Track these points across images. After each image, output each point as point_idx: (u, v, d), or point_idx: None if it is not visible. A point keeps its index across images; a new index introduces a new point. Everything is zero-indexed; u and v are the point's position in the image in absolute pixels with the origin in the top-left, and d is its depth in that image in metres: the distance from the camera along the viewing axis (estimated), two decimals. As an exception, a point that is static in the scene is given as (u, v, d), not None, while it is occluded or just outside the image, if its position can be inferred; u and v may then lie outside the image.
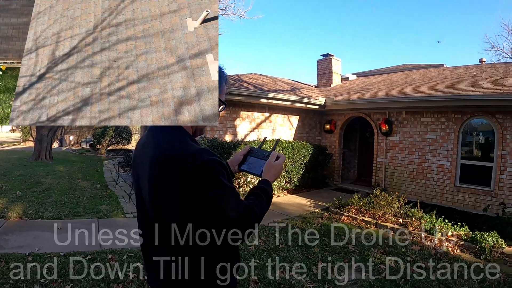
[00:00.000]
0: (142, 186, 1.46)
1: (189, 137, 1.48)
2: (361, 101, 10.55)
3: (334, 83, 14.61)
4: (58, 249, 4.75)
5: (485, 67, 12.19)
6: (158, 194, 1.37)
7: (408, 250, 5.57)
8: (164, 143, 1.42)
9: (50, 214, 6.42)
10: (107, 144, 19.99)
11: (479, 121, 8.72)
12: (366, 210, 7.53)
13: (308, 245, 5.56)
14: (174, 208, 1.34)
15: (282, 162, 1.73)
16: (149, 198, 1.42)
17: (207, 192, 1.29)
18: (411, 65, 18.30)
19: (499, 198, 7.93)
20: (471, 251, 5.78)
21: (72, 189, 8.87)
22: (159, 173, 1.36)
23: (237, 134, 9.79)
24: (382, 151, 10.37)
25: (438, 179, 9.11)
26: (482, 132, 8.82)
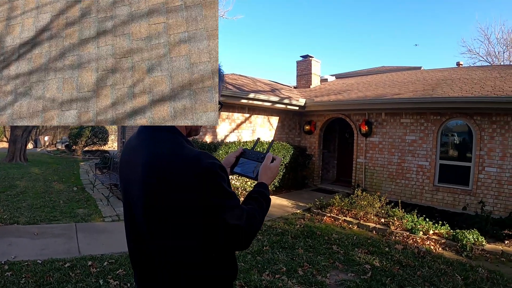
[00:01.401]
0: (133, 195, 1.31)
1: (184, 139, 1.35)
2: (342, 102, 10.56)
3: (313, 84, 14.63)
4: (36, 256, 4.52)
5: (462, 70, 12.45)
6: (154, 204, 1.23)
7: (391, 250, 5.55)
8: (159, 147, 1.28)
9: (25, 219, 6.10)
10: (83, 145, 19.55)
11: (458, 123, 8.85)
12: (348, 210, 7.50)
13: (292, 247, 5.46)
14: (172, 219, 1.22)
15: (278, 164, 1.64)
16: (142, 209, 1.27)
17: (210, 200, 1.19)
18: (389, 67, 18.54)
19: (477, 197, 8.05)
20: (452, 248, 5.84)
21: (48, 192, 8.56)
22: (154, 181, 1.22)
23: (217, 135, 9.63)
24: (362, 151, 10.40)
25: (417, 179, 9.19)
26: (460, 133, 8.96)
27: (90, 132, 19.51)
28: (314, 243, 5.67)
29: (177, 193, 1.18)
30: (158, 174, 1.21)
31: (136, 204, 1.29)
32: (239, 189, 8.64)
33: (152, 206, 1.23)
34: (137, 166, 1.28)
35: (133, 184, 1.30)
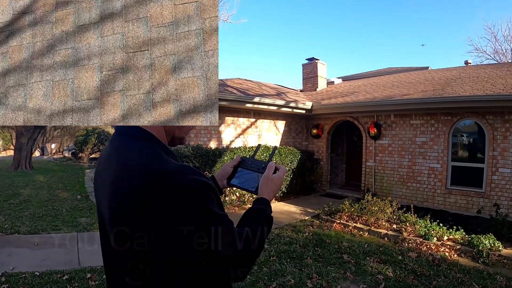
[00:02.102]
0: (104, 214, 1.09)
1: (164, 149, 1.09)
2: (349, 105, 10.34)
3: (319, 87, 14.42)
4: (34, 267, 4.41)
5: (471, 68, 12.17)
6: (122, 229, 0.99)
7: (405, 258, 5.32)
8: (130, 160, 1.03)
9: (27, 229, 6.00)
10: (89, 152, 19.53)
11: (469, 123, 8.60)
12: (358, 216, 7.27)
13: (301, 256, 5.25)
14: (144, 249, 0.97)
15: (282, 175, 1.39)
16: (112, 234, 1.04)
17: (191, 225, 0.95)
18: (395, 68, 18.31)
19: (491, 199, 7.80)
20: (468, 255, 5.61)
21: (51, 201, 8.48)
22: (120, 200, 0.99)
23: (222, 141, 9.48)
24: (371, 155, 10.17)
25: (429, 182, 8.94)
26: (472, 133, 8.70)
27: (96, 139, 19.47)
28: (324, 252, 5.46)
29: (149, 217, 0.93)
30: (124, 192, 0.98)
31: (106, 230, 1.09)
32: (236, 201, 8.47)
33: (120, 231, 1.00)
34: (106, 182, 1.07)
35: (103, 203, 1.09)
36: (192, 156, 7.84)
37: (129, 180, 0.97)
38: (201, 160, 7.99)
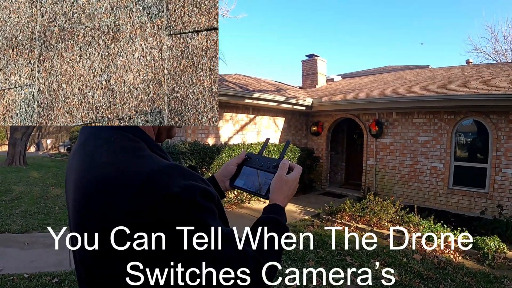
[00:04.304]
0: (72, 225, 0.84)
1: (148, 142, 0.84)
2: (351, 102, 10.16)
3: (319, 84, 14.24)
4: (23, 268, 4.21)
5: (473, 67, 12.01)
6: (87, 250, 0.75)
7: (410, 260, 5.15)
8: (99, 156, 0.79)
9: (17, 227, 5.82)
10: (85, 147, 19.16)
11: (472, 122, 8.45)
12: (360, 216, 7.10)
13: (302, 259, 5.07)
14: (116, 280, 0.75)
15: (298, 176, 1.13)
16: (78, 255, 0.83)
17: (184, 248, 0.71)
18: (395, 66, 18.16)
19: (494, 200, 7.66)
20: (473, 257, 5.48)
21: (44, 198, 8.25)
22: (84, 214, 0.77)
23: (220, 137, 9.28)
24: (372, 153, 10.00)
25: (431, 181, 8.78)
26: (475, 133, 8.56)
27: (92, 134, 19.15)
28: (326, 254, 5.28)
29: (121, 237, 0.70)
30: (89, 203, 0.75)
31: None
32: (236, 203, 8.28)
33: (85, 252, 0.76)
34: (69, 186, 0.86)
35: (70, 212, 0.86)
36: (189, 152, 7.63)
37: (92, 190, 0.77)
38: (198, 157, 7.79)
